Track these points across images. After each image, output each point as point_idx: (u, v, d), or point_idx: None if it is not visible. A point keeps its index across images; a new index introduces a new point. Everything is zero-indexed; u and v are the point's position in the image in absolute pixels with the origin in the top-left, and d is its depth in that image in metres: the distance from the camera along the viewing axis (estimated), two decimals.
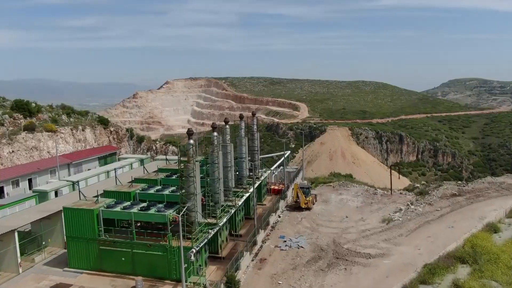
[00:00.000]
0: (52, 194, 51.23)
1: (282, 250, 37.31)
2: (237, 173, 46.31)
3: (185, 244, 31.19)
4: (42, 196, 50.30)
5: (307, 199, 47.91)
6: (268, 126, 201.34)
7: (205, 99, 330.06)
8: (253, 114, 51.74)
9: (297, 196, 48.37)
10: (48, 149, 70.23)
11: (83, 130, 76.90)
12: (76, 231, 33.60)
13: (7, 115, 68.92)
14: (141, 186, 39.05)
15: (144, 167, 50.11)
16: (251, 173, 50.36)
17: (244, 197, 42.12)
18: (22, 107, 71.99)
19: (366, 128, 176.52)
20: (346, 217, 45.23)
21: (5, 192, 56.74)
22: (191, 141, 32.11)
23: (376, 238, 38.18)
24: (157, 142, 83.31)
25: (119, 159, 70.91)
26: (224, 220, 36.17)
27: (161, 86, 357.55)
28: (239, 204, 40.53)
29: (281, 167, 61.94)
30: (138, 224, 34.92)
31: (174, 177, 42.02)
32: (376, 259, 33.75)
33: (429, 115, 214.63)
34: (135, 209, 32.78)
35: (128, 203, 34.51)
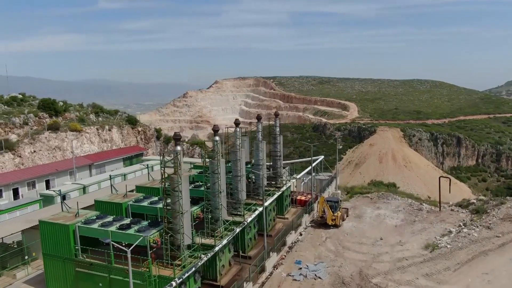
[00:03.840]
0: (59, 198, 47.84)
1: (295, 280, 30.62)
2: (253, 182, 40.24)
3: (167, 273, 25.65)
4: (48, 200, 47.20)
5: (335, 214, 40.66)
6: (315, 126, 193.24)
7: (253, 98, 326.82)
8: (276, 115, 45.25)
9: (324, 211, 41.24)
10: (72, 149, 67.84)
11: (109, 130, 74.03)
12: (52, 249, 29.27)
13: (32, 114, 67.21)
14: (136, 197, 33.96)
15: (149, 173, 45.14)
16: (273, 182, 44.35)
17: (257, 212, 35.80)
18: (48, 106, 70.18)
19: (420, 129, 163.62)
20: (381, 239, 37.49)
21: (20, 194, 54.48)
22: (178, 148, 26.36)
23: (415, 272, 30.36)
24: (183, 143, 78.97)
25: (142, 161, 67.21)
26: (225, 241, 30.11)
27: (210, 86, 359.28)
28: (249, 221, 34.32)
29: (313, 173, 54.86)
30: (123, 244, 29.89)
31: None
32: None
33: (491, 115, 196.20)
34: (114, 227, 27.61)
35: (110, 218, 29.48)
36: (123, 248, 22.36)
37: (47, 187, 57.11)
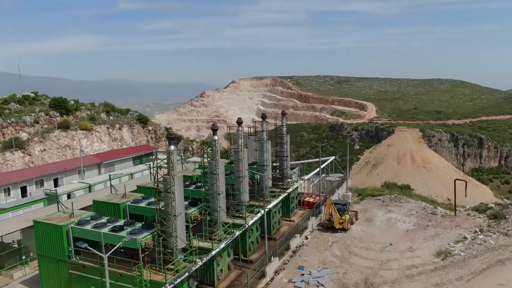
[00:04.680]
0: (64, 197, 47.48)
1: (296, 287, 29.12)
2: (258, 183, 38.88)
3: (159, 277, 24.53)
4: (52, 199, 46.66)
5: (343, 218, 38.96)
6: (332, 126, 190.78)
7: (270, 98, 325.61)
8: (283, 114, 43.79)
9: (331, 214, 39.57)
10: (82, 148, 67.76)
11: (120, 128, 73.77)
12: (46, 249, 28.60)
13: (42, 113, 67.40)
14: (134, 197, 33.03)
15: (151, 173, 44.12)
16: (280, 183, 42.93)
17: (259, 215, 34.44)
18: (59, 105, 70.32)
19: (440, 130, 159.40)
20: (390, 244, 35.63)
21: (28, 192, 54.43)
22: (172, 147, 25.19)
23: (425, 281, 28.50)
24: (193, 143, 78.23)
25: (150, 160, 66.61)
26: (222, 245, 28.87)
27: (228, 85, 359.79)
28: (250, 223, 33.00)
29: (323, 174, 53.17)
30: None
31: None
32: None
33: None
34: (107, 228, 26.67)
35: (105, 219, 28.57)
36: (98, 253, 21.45)
37: (55, 186, 56.93)
